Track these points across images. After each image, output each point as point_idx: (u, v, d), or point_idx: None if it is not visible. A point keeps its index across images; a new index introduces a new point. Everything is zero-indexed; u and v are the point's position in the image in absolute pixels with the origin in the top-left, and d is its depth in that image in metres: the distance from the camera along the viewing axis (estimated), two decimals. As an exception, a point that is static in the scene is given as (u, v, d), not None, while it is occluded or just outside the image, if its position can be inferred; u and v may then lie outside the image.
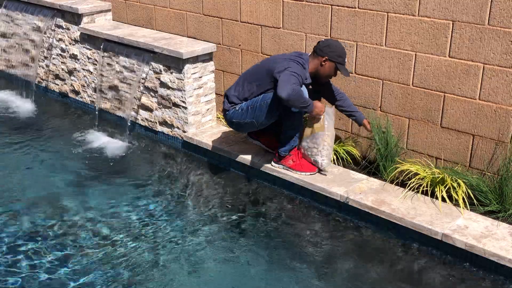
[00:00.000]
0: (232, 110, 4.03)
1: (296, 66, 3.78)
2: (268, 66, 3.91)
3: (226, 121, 4.17)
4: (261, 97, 3.91)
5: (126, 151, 4.94)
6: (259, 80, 3.93)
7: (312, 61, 3.88)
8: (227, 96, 4.09)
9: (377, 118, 4.13)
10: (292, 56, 3.89)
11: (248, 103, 3.96)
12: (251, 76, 4.01)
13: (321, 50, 3.83)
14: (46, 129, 5.41)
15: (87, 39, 5.55)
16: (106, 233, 3.73)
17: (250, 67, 4.16)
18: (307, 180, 3.98)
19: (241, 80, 4.07)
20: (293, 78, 3.69)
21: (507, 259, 3.13)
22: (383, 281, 3.26)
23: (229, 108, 4.05)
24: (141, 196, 4.21)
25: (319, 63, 3.86)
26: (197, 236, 3.70)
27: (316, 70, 3.88)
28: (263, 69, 3.95)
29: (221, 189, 4.31)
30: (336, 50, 3.82)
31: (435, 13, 3.67)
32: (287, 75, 3.70)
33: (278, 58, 3.93)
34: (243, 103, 3.99)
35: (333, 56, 3.81)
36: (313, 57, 3.89)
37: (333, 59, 3.82)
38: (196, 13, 5.03)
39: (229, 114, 4.06)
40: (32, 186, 4.32)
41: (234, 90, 4.06)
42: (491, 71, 3.55)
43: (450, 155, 3.88)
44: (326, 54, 3.82)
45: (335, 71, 3.89)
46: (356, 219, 3.77)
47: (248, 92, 3.97)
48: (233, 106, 4.03)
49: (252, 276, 3.34)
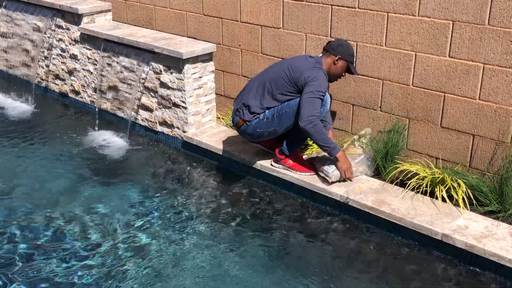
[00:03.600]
0: (256, 121, 3.93)
1: (322, 77, 3.78)
2: (291, 75, 3.83)
3: (245, 132, 4.02)
4: (285, 104, 3.87)
5: (126, 151, 4.94)
6: (283, 89, 3.86)
7: (325, 60, 3.89)
8: (248, 106, 3.95)
9: (377, 118, 4.14)
10: (312, 61, 3.86)
11: (272, 112, 3.90)
12: (272, 85, 3.90)
13: (334, 49, 3.86)
14: (46, 129, 5.41)
15: (87, 39, 5.55)
16: (106, 233, 3.73)
17: (264, 74, 4.03)
18: (307, 180, 3.98)
19: (260, 89, 3.95)
20: (316, 103, 3.71)
21: (507, 259, 3.13)
22: (383, 281, 3.26)
23: (252, 119, 3.94)
24: (140, 196, 4.21)
25: (332, 62, 3.87)
26: (196, 236, 3.70)
27: (328, 69, 3.90)
28: (284, 78, 3.86)
29: (221, 189, 4.31)
30: (349, 50, 3.88)
31: (435, 13, 3.67)
32: (309, 100, 3.70)
33: (298, 66, 3.85)
34: (267, 111, 3.91)
35: (346, 55, 3.86)
36: (325, 57, 3.90)
37: (346, 58, 3.86)
38: (196, 13, 5.03)
39: (251, 124, 3.95)
40: (31, 186, 4.32)
41: (254, 99, 3.94)
42: (491, 71, 3.55)
43: (450, 155, 3.88)
44: (338, 53, 3.85)
45: (345, 70, 3.92)
46: (356, 219, 3.77)
47: (271, 101, 3.90)
48: (256, 116, 3.94)
49: (251, 276, 3.34)
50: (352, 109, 4.28)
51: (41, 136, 5.25)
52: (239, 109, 4.02)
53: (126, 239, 3.67)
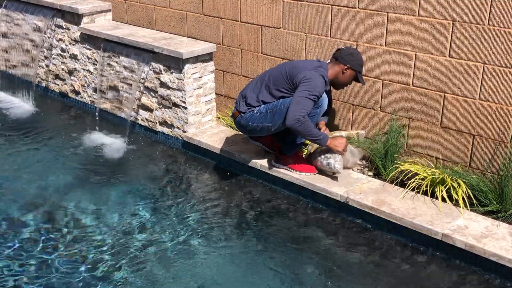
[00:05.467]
0: (250, 113, 3.95)
1: (318, 78, 3.75)
2: (289, 72, 3.85)
3: (240, 124, 4.05)
4: (280, 102, 3.87)
5: (126, 151, 4.94)
6: (278, 85, 3.88)
7: (332, 67, 3.87)
8: (244, 97, 4.01)
9: (377, 118, 4.14)
10: (315, 64, 3.86)
11: (267, 107, 3.91)
12: (270, 80, 3.93)
13: (343, 58, 3.83)
14: (46, 129, 5.41)
15: (87, 39, 5.55)
16: (106, 233, 3.73)
17: (268, 70, 4.06)
18: (307, 180, 3.98)
19: (258, 82, 4.00)
20: (306, 102, 3.68)
21: (507, 259, 3.13)
22: (382, 281, 3.26)
23: (246, 111, 3.97)
24: (140, 196, 4.21)
25: (340, 70, 3.86)
26: (196, 236, 3.71)
27: (335, 77, 3.88)
28: (283, 74, 3.88)
29: (221, 189, 4.31)
30: (359, 59, 3.85)
31: (435, 13, 3.67)
32: (300, 98, 3.69)
33: (300, 65, 3.87)
34: (262, 106, 3.93)
35: (355, 65, 3.84)
36: (333, 64, 3.88)
37: (355, 68, 3.84)
38: (196, 13, 5.03)
39: (245, 116, 3.98)
40: (31, 185, 4.32)
41: (251, 91, 4.00)
42: (491, 71, 3.55)
43: (450, 155, 3.88)
44: (348, 62, 3.82)
45: (353, 79, 3.92)
46: (356, 219, 3.77)
47: (267, 95, 3.92)
48: (251, 108, 3.96)
49: (251, 276, 3.34)
50: (352, 109, 4.28)
51: (41, 136, 5.25)
52: (237, 100, 4.08)
53: (125, 239, 3.67)
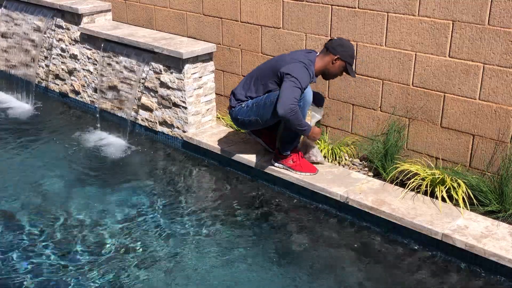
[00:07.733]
0: (238, 107, 4.03)
1: (301, 70, 3.74)
2: (275, 64, 3.89)
3: (231, 118, 4.16)
4: (265, 96, 3.90)
5: (126, 151, 4.94)
6: (265, 79, 3.92)
7: (323, 58, 3.87)
8: (234, 94, 4.09)
9: (377, 118, 4.14)
10: (301, 56, 3.85)
11: (253, 101, 3.96)
12: (258, 74, 4.00)
13: (334, 48, 3.82)
14: (46, 129, 5.41)
15: (87, 39, 5.55)
16: (105, 233, 3.73)
17: (258, 66, 4.14)
18: (307, 180, 3.98)
19: (248, 78, 4.07)
20: (295, 92, 3.68)
21: (507, 259, 3.13)
22: (382, 281, 3.26)
23: (235, 105, 4.05)
24: (140, 196, 4.21)
25: (330, 61, 3.84)
26: (196, 236, 3.70)
27: (325, 67, 3.87)
28: (269, 67, 3.93)
29: (221, 189, 4.31)
30: (349, 51, 3.83)
31: (435, 13, 3.67)
32: (289, 88, 3.69)
33: (286, 58, 3.89)
34: (249, 100, 3.99)
35: (345, 56, 3.81)
36: (324, 54, 3.87)
37: (345, 59, 3.82)
38: (196, 13, 5.03)
39: (234, 111, 4.06)
40: (31, 185, 4.32)
41: (241, 87, 4.06)
42: (491, 71, 3.55)
43: (450, 155, 3.88)
44: (338, 53, 3.81)
45: (343, 70, 3.89)
46: (356, 219, 3.77)
47: (254, 90, 3.97)
48: (239, 103, 4.04)
49: (251, 276, 3.34)
50: (352, 109, 4.28)
51: (40, 135, 5.25)
52: (230, 95, 4.16)
53: (125, 240, 3.67)
